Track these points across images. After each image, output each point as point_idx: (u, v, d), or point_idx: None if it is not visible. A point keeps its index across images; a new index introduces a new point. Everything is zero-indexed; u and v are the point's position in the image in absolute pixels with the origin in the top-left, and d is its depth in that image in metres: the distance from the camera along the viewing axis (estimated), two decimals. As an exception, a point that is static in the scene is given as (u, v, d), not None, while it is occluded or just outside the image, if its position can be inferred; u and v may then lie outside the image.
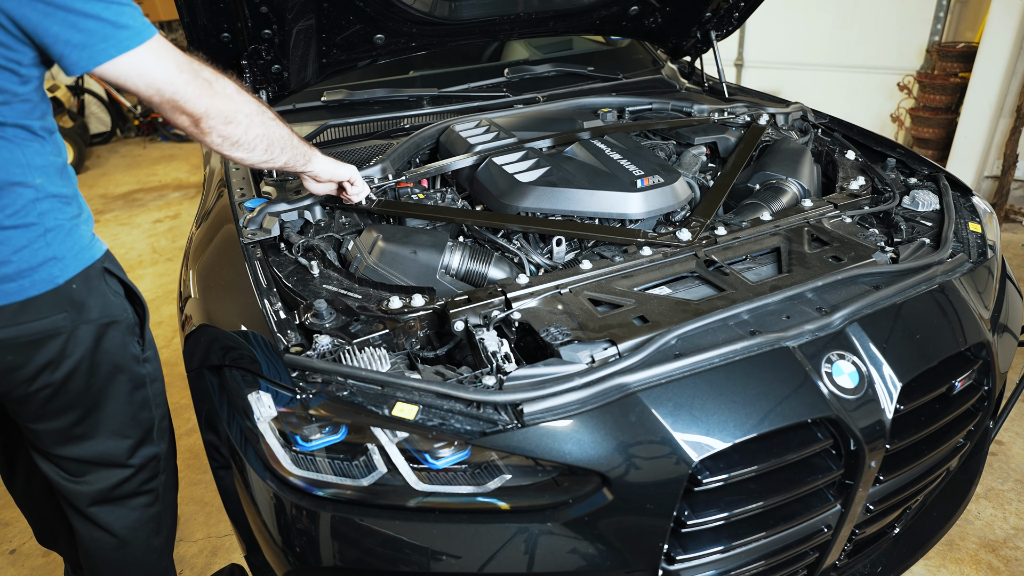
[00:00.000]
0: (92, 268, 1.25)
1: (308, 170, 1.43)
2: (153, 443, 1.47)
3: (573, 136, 1.87)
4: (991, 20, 3.73)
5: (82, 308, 1.23)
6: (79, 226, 1.24)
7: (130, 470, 1.43)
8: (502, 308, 1.25)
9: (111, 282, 1.30)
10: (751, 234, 1.48)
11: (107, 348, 1.29)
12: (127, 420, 1.39)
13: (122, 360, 1.33)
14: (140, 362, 1.38)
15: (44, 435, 1.33)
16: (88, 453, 1.37)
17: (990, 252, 1.51)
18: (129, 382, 1.36)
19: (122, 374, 1.34)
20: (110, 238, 4.72)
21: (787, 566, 1.29)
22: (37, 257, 1.16)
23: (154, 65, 1.05)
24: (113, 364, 1.32)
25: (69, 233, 1.21)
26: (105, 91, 6.99)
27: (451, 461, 1.07)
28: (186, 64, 1.10)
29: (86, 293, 1.24)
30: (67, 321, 1.22)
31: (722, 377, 1.11)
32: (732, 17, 2.30)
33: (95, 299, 1.26)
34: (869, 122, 4.63)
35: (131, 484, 1.45)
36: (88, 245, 1.25)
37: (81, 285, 1.23)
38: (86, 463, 1.38)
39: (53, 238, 1.18)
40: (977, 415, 1.41)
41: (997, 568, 1.88)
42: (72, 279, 1.21)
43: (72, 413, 1.31)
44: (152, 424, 1.45)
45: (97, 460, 1.39)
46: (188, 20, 1.52)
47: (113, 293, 1.31)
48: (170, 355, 3.17)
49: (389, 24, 1.80)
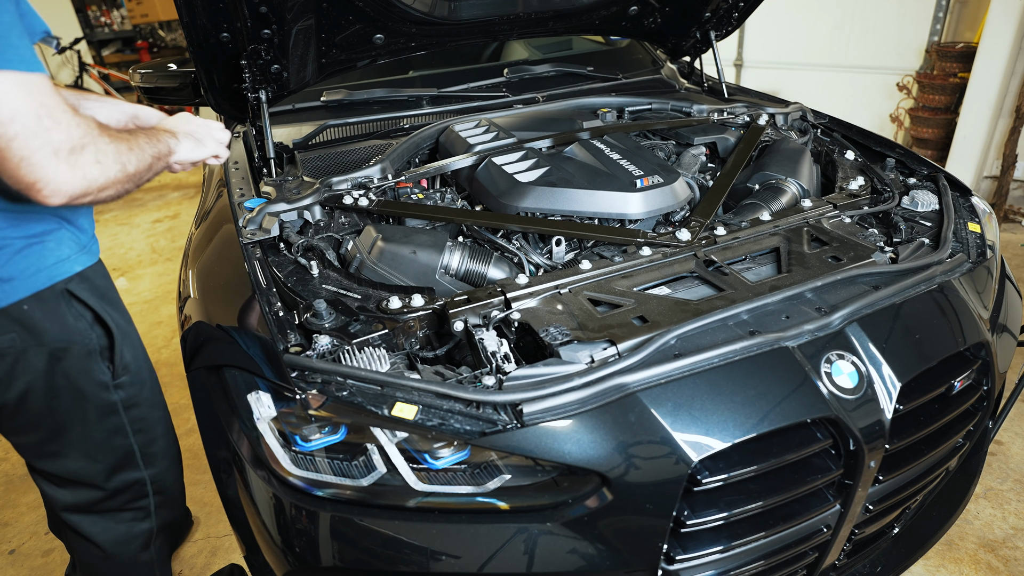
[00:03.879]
0: (50, 291, 1.19)
1: (172, 168, 1.30)
2: (137, 468, 1.42)
3: (573, 136, 1.87)
4: (990, 20, 3.74)
5: (34, 330, 1.18)
6: (43, 246, 1.17)
7: (107, 493, 1.40)
8: (502, 308, 1.25)
9: (74, 306, 1.24)
10: (750, 234, 1.48)
11: (65, 372, 1.24)
12: (97, 445, 1.35)
13: (84, 386, 1.28)
14: (108, 388, 1.33)
15: (20, 448, 1.33)
16: (61, 471, 1.35)
17: (989, 252, 1.51)
18: (95, 409, 1.32)
19: (85, 400, 1.29)
20: (109, 238, 4.72)
21: (787, 566, 1.29)
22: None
23: None
24: (75, 389, 1.27)
25: (20, 253, 1.14)
26: (104, 91, 6.98)
27: (451, 461, 1.07)
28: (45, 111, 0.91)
29: (40, 315, 1.18)
30: (15, 342, 1.17)
31: (721, 377, 1.11)
32: (731, 17, 2.30)
33: (49, 323, 1.19)
34: (868, 122, 4.64)
35: (111, 503, 1.43)
36: (51, 266, 1.19)
37: (35, 306, 1.17)
38: (61, 478, 1.37)
39: (8, 259, 1.12)
40: (976, 415, 1.41)
41: (996, 568, 1.88)
42: (23, 300, 1.15)
43: (39, 432, 1.29)
44: (131, 450, 1.40)
45: (71, 478, 1.37)
46: (188, 20, 1.52)
47: (75, 317, 1.24)
48: (170, 355, 3.17)
49: (389, 24, 1.80)
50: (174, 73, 2.20)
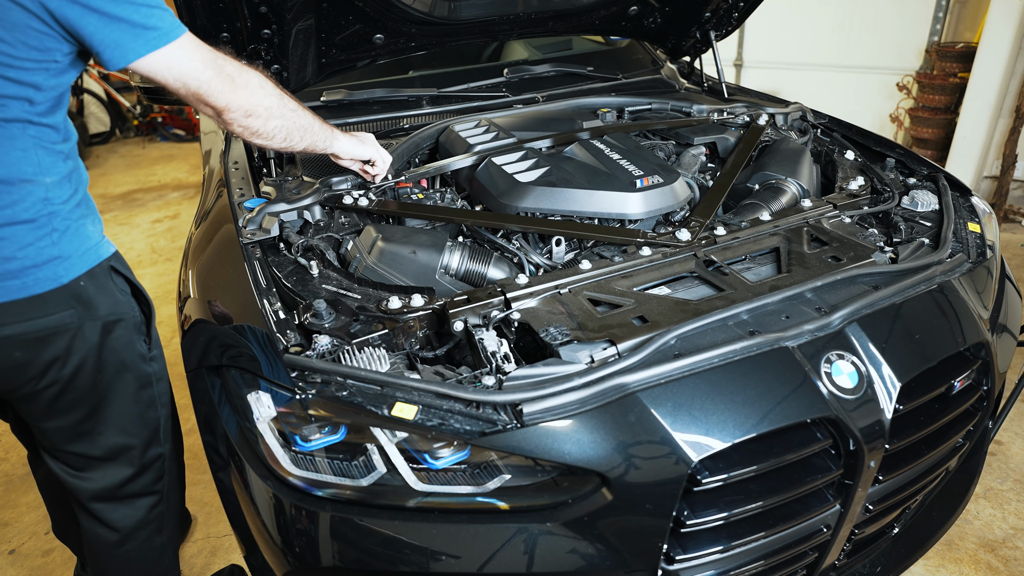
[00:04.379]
0: (99, 267, 1.28)
1: (330, 151, 1.55)
2: (159, 443, 1.48)
3: (572, 136, 1.87)
4: (990, 20, 3.74)
5: (89, 305, 1.26)
6: (87, 226, 1.27)
7: (137, 469, 1.44)
8: (501, 308, 1.25)
9: (118, 281, 1.33)
10: (750, 234, 1.48)
11: (113, 345, 1.32)
12: (134, 418, 1.40)
13: (128, 357, 1.35)
14: (146, 360, 1.41)
15: (52, 432, 1.34)
16: (95, 450, 1.38)
17: (989, 252, 1.51)
18: (135, 380, 1.38)
19: (128, 372, 1.36)
20: (109, 238, 4.72)
21: (786, 566, 1.29)
22: (43, 255, 1.18)
23: (181, 62, 1.15)
24: (119, 361, 1.34)
25: (76, 233, 1.23)
26: (104, 91, 6.98)
27: (450, 461, 1.07)
28: (211, 61, 1.19)
29: (93, 291, 1.26)
30: (74, 318, 1.24)
31: (721, 377, 1.11)
32: (731, 17, 2.30)
33: (102, 297, 1.28)
34: (868, 122, 4.64)
35: (136, 484, 1.46)
36: (96, 245, 1.28)
37: (88, 283, 1.26)
38: (93, 459, 1.40)
39: (60, 237, 1.20)
40: (976, 415, 1.41)
41: (996, 568, 1.88)
42: (79, 277, 1.24)
43: (79, 410, 1.32)
44: (158, 423, 1.47)
45: (104, 456, 1.40)
46: (187, 20, 1.52)
47: (120, 291, 1.33)
48: (170, 355, 3.15)
49: (388, 24, 1.80)
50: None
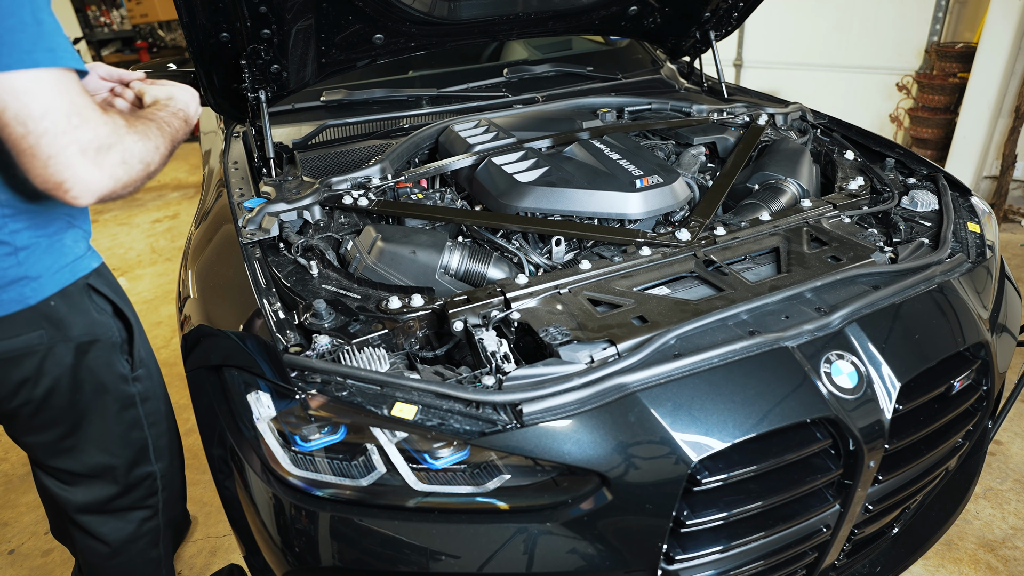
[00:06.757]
0: (74, 286, 1.22)
1: (191, 126, 1.27)
2: (149, 463, 1.44)
3: (572, 136, 1.87)
4: (990, 20, 3.74)
5: (60, 326, 1.20)
6: (64, 241, 1.20)
7: (122, 487, 1.41)
8: (501, 308, 1.25)
9: (96, 300, 1.27)
10: (750, 234, 1.48)
11: (90, 366, 1.26)
12: (116, 438, 1.36)
13: (107, 379, 1.30)
14: (128, 381, 1.35)
15: (34, 447, 1.33)
16: (78, 466, 1.35)
17: (989, 252, 1.51)
18: (116, 401, 1.33)
19: (107, 393, 1.31)
20: (109, 238, 4.72)
21: (786, 566, 1.29)
22: (7, 276, 1.12)
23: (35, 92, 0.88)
24: (97, 382, 1.29)
25: (48, 250, 1.17)
26: (104, 91, 6.98)
27: (450, 461, 1.07)
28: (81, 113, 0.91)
29: (66, 311, 1.20)
30: (43, 339, 1.18)
31: (721, 377, 1.11)
32: (731, 17, 2.30)
33: (76, 317, 1.22)
34: (868, 122, 4.64)
35: (125, 500, 1.43)
36: (73, 262, 1.22)
37: (61, 303, 1.19)
38: (77, 475, 1.37)
39: (26, 257, 1.13)
40: (976, 415, 1.41)
41: (996, 568, 1.88)
42: (50, 297, 1.18)
43: (58, 428, 1.29)
44: (145, 443, 1.42)
45: (88, 473, 1.37)
46: (187, 20, 1.52)
47: (97, 311, 1.27)
48: (169, 355, 3.17)
49: (388, 24, 1.80)
50: (173, 73, 2.19)
